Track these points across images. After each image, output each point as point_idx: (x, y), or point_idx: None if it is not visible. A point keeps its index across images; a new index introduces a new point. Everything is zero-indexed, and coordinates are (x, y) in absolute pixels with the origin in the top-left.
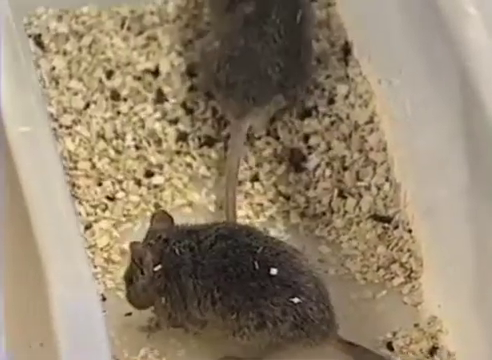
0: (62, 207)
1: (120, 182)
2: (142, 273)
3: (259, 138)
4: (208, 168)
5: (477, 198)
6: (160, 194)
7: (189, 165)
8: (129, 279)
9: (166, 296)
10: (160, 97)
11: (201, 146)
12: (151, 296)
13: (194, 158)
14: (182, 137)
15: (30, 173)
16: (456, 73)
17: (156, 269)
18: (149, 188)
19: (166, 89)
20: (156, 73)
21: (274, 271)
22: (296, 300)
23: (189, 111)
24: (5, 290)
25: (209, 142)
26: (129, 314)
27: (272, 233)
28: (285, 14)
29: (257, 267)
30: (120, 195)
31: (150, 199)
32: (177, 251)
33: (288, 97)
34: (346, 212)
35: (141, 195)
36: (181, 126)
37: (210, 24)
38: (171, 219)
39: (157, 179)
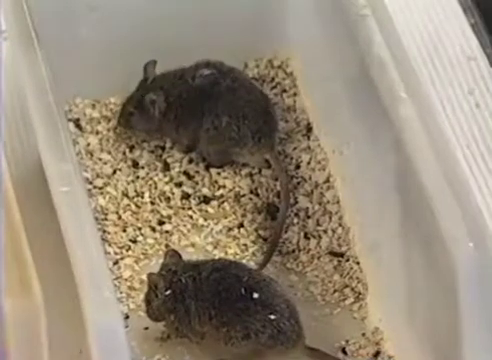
0: (95, 248)
1: (140, 229)
2: (156, 296)
3: (243, 196)
4: (205, 219)
5: (408, 240)
6: (170, 237)
7: (191, 217)
8: (147, 301)
9: (174, 314)
10: (167, 166)
11: (200, 203)
12: (163, 313)
13: (195, 212)
14: (185, 196)
15: (70, 223)
16: (391, 143)
17: (167, 293)
18: (161, 233)
19: (170, 160)
20: (163, 148)
21: (256, 295)
22: (272, 317)
23: (190, 177)
24: (52, 306)
25: (206, 200)
26: (146, 328)
27: (253, 266)
28: None
29: (243, 292)
30: (140, 239)
31: (162, 241)
32: (183, 280)
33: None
34: (310, 249)
35: (155, 238)
36: (184, 188)
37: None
38: (179, 255)
39: (167, 226)
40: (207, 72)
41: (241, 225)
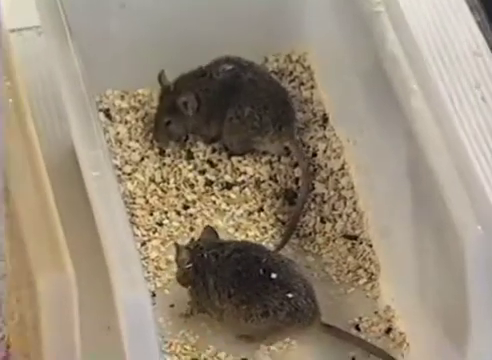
0: (124, 230)
1: (166, 213)
2: (179, 266)
3: (263, 182)
4: (227, 204)
5: (420, 225)
6: (194, 221)
7: (214, 202)
8: (177, 267)
9: (194, 286)
10: (191, 155)
11: (222, 189)
12: (186, 283)
13: (217, 197)
14: (208, 183)
15: (100, 206)
16: (403, 133)
17: (187, 266)
18: (186, 217)
19: (194, 149)
20: (186, 139)
21: (274, 275)
22: (290, 295)
23: (213, 165)
24: (82, 284)
25: (228, 186)
26: (172, 306)
27: (272, 248)
28: None
29: (262, 272)
30: (165, 222)
31: (187, 224)
32: (205, 256)
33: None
34: (325, 232)
35: (180, 222)
36: (208, 175)
37: None
38: (216, 234)
39: (191, 210)
40: (229, 67)
41: (261, 209)
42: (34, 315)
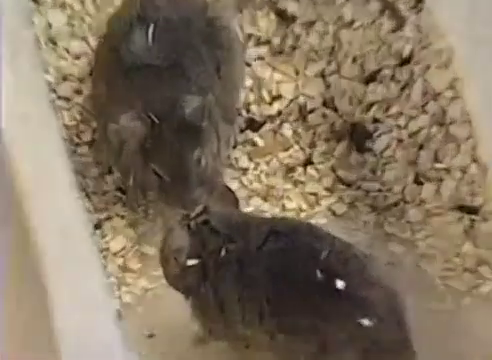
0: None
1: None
2: (169, 260)
3: (312, 110)
4: (249, 158)
5: None
6: None
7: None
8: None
9: (199, 298)
10: None
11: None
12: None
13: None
14: None
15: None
16: None
17: (190, 263)
18: None
19: None
20: None
21: (341, 284)
22: (366, 323)
23: None
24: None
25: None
26: (151, 336)
27: (329, 230)
28: None
29: (319, 277)
30: None
31: None
32: (219, 242)
33: None
34: (423, 202)
35: None
36: None
37: None
38: (236, 199)
39: None
40: None
41: (308, 161)
42: None
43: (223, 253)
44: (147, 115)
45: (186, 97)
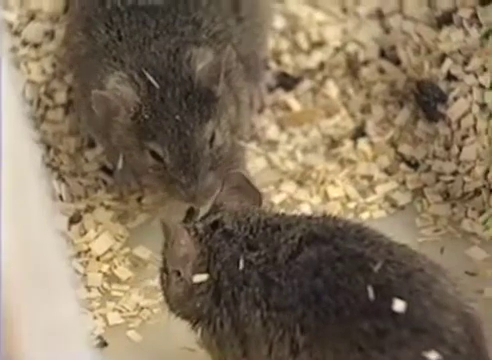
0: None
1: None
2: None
3: (366, 63)
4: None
5: None
6: None
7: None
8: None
9: (211, 326)
10: None
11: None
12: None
13: None
14: None
15: None
16: None
17: (198, 279)
18: None
19: None
20: None
21: (400, 305)
22: (434, 357)
23: None
24: None
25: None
26: None
27: (387, 230)
28: None
29: (372, 296)
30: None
31: None
32: (236, 250)
33: None
34: None
35: None
36: None
37: None
38: (258, 194)
39: None
40: None
41: (360, 132)
42: None
43: (241, 265)
44: (142, 76)
45: (195, 50)
